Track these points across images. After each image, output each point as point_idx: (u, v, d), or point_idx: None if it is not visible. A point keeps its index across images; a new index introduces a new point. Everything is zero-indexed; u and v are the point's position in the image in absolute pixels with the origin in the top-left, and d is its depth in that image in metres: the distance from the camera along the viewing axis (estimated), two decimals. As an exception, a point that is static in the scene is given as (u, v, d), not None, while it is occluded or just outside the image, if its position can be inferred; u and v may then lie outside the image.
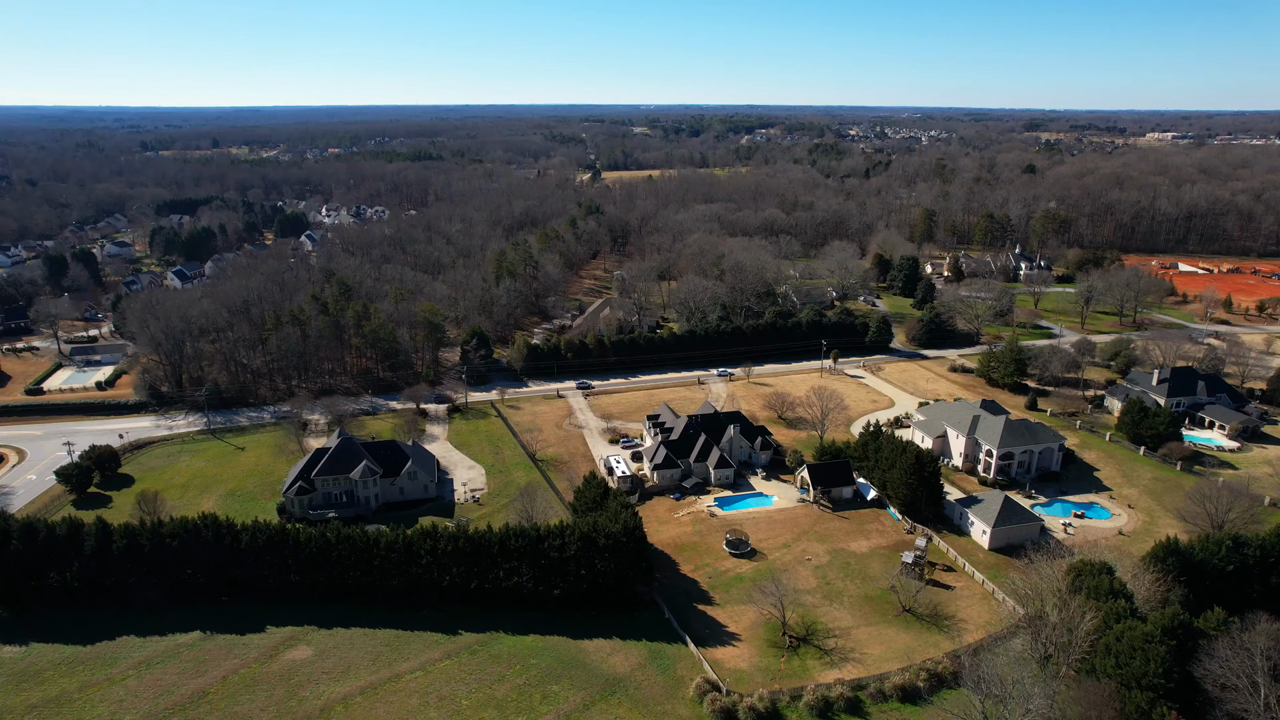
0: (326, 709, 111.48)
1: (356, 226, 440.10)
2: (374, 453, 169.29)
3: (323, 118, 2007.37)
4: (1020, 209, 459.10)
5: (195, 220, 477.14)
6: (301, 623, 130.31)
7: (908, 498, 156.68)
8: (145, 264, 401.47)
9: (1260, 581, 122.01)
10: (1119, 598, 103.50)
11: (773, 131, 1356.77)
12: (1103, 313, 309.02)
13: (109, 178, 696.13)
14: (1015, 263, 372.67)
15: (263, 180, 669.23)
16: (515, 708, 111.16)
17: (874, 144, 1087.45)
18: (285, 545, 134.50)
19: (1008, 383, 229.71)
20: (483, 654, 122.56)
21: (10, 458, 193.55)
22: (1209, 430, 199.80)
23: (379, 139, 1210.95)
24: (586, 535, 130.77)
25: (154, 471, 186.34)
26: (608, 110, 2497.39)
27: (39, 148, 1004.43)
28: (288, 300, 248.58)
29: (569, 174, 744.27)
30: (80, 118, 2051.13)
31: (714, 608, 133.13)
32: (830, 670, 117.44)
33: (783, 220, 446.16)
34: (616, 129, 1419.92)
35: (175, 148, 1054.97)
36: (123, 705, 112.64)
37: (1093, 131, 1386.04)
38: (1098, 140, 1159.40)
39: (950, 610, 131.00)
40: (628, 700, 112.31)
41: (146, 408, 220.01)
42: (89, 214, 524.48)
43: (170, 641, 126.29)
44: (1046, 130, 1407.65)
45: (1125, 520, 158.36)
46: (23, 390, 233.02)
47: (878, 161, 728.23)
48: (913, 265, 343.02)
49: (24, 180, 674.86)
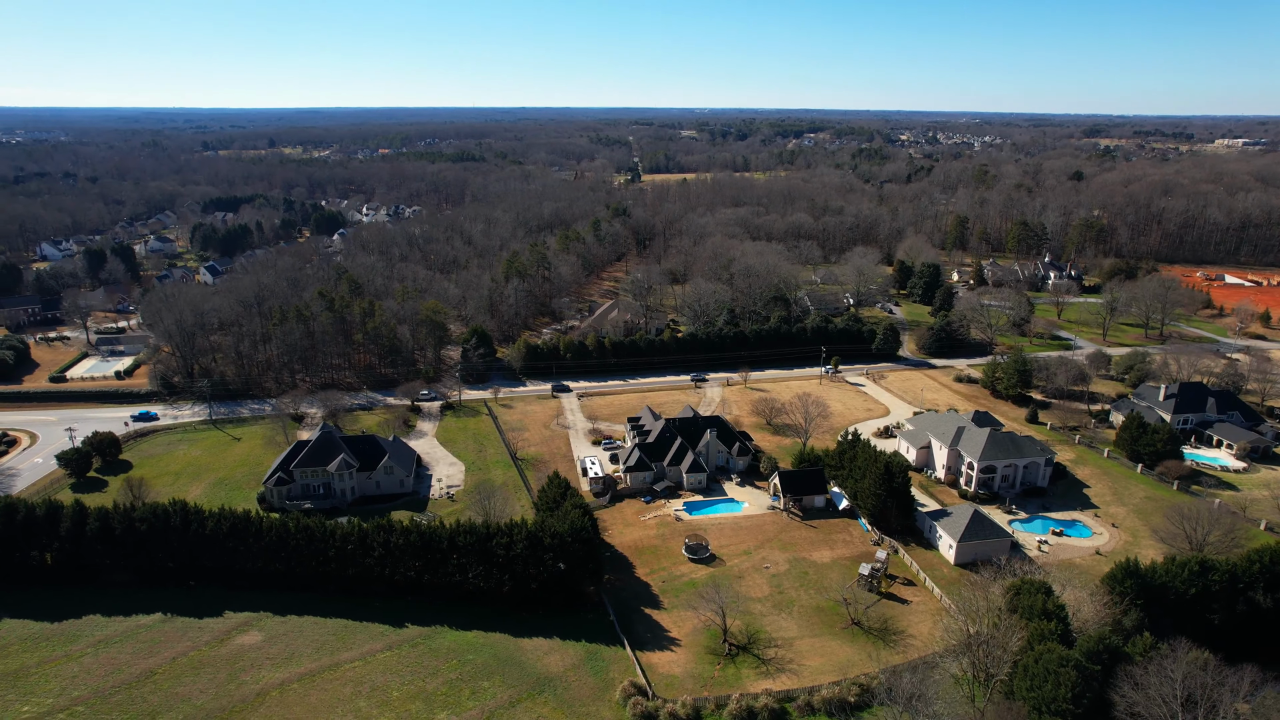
0: (263, 693, 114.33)
1: (388, 225, 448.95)
2: (352, 447, 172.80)
3: (379, 119, 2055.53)
4: (1058, 216, 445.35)
5: (236, 217, 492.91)
6: (258, 609, 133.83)
7: (876, 508, 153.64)
8: (185, 259, 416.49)
9: (1225, 608, 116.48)
10: (1051, 619, 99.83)
11: (822, 136, 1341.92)
12: (1128, 325, 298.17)
13: (166, 176, 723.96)
14: (1044, 271, 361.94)
15: (308, 179, 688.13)
16: (443, 701, 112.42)
17: (924, 149, 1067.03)
18: (248, 532, 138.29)
19: (1011, 394, 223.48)
20: (423, 647, 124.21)
21: (23, 441, 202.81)
22: (1216, 449, 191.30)
23: (429, 140, 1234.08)
24: (533, 535, 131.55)
25: (152, 458, 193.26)
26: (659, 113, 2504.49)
27: (109, 147, 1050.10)
28: (296, 296, 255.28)
29: (606, 176, 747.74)
30: (153, 119, 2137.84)
31: (660, 612, 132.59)
32: (764, 680, 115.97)
33: (810, 225, 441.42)
34: (663, 132, 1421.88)
35: (234, 147, 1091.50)
36: (74, 681, 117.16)
37: (1157, 137, 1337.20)
38: (1160, 146, 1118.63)
39: (901, 625, 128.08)
40: (554, 700, 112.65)
41: (158, 397, 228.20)
42: (141, 210, 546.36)
43: (132, 622, 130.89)
44: (1108, 136, 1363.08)
45: (1106, 540, 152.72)
46: (47, 378, 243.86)
47: (920, 167, 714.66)
48: (933, 272, 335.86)
49: (87, 178, 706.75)
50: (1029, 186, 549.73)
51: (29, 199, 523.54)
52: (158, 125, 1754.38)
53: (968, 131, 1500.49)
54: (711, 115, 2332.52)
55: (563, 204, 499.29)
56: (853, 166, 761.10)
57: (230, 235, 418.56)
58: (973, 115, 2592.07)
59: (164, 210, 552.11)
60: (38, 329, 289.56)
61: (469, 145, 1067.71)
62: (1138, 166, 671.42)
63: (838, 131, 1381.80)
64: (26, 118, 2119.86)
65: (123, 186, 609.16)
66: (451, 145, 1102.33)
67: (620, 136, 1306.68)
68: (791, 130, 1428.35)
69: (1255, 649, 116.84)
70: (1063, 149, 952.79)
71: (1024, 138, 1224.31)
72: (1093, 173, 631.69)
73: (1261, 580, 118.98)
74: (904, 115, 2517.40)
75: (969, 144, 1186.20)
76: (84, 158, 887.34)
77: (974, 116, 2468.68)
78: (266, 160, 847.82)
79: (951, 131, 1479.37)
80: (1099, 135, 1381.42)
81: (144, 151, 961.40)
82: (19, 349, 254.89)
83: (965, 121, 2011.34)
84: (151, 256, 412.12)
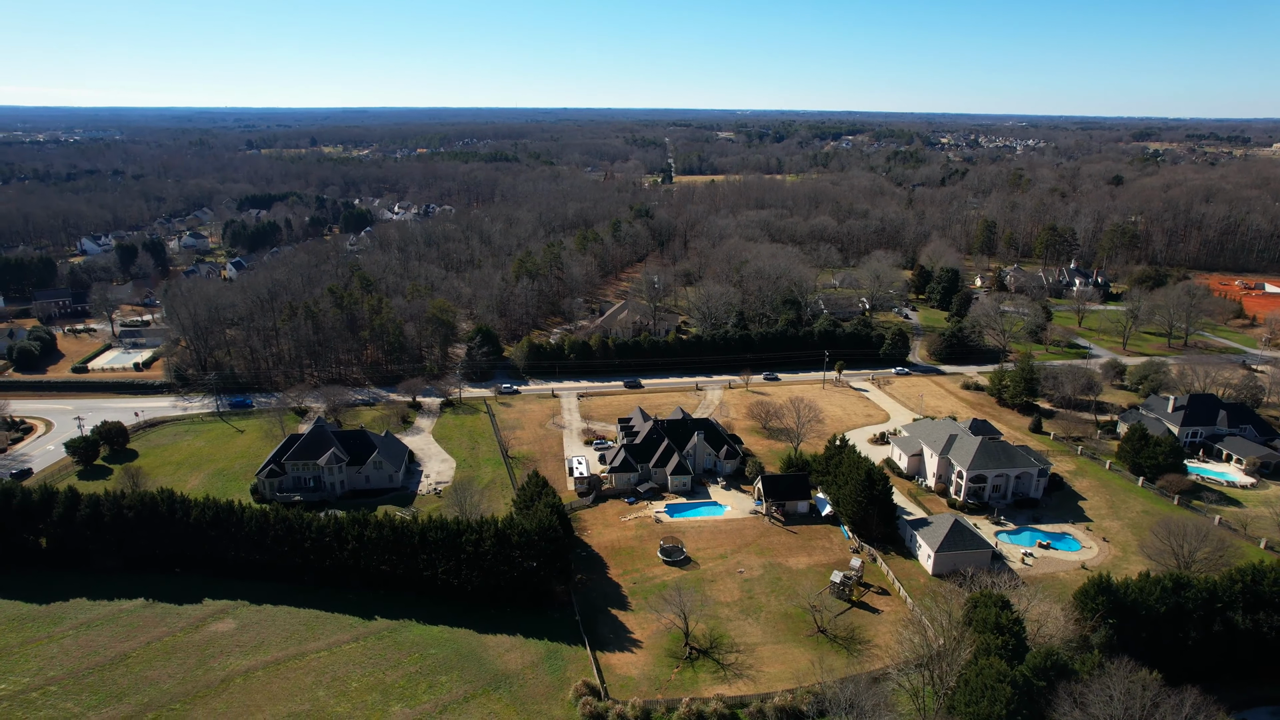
0: (227, 680, 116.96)
1: (408, 223, 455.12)
2: (343, 441, 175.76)
3: (420, 118, 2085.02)
4: (1090, 222, 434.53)
5: (269, 214, 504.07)
6: (236, 597, 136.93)
7: (857, 515, 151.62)
8: (215, 255, 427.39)
9: (1200, 627, 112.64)
10: (1003, 633, 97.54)
11: (861, 138, 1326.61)
12: (1151, 334, 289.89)
13: (209, 173, 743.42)
14: (1069, 278, 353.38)
15: (343, 178, 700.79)
16: (399, 694, 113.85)
17: (963, 152, 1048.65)
18: (229, 522, 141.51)
19: (1017, 403, 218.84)
20: (389, 640, 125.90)
21: (39, 428, 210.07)
22: (1225, 464, 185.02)
23: (467, 140, 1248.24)
24: (501, 532, 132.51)
25: (158, 448, 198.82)
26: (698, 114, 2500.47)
27: (158, 145, 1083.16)
28: (308, 292, 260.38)
29: (637, 177, 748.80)
30: (205, 118, 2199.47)
31: (627, 613, 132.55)
32: (720, 685, 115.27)
33: (833, 228, 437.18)
34: (700, 133, 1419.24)
35: (276, 146, 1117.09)
36: (52, 661, 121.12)
37: (1211, 141, 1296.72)
38: (1213, 150, 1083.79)
39: (868, 635, 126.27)
40: (508, 697, 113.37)
41: (171, 389, 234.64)
42: (180, 207, 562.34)
43: (115, 606, 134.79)
44: (1159, 140, 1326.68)
45: (1094, 554, 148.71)
46: (70, 368, 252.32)
47: (954, 170, 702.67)
48: (952, 277, 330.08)
49: (133, 175, 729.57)
50: (1063, 191, 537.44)
51: (75, 195, 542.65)
52: (209, 124, 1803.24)
53: (1011, 135, 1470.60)
54: (752, 117, 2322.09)
55: (587, 204, 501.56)
56: (886, 170, 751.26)
57: (258, 232, 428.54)
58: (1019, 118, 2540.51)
59: (202, 207, 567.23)
60: (67, 321, 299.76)
61: (505, 145, 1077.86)
62: (1179, 171, 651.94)
63: (877, 134, 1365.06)
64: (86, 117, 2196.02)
65: (164, 184, 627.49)
66: (488, 145, 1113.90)
67: (656, 138, 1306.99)
68: (830, 132, 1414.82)
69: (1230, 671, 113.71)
70: (1106, 153, 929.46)
71: (1068, 141, 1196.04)
72: (1133, 177, 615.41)
73: (1242, 600, 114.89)
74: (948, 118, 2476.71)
75: (1011, 147, 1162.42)
76: (134, 156, 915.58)
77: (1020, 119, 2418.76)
78: (305, 159, 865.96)
79: (994, 135, 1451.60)
80: (1149, 139, 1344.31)
81: (190, 150, 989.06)
82: (45, 340, 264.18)
83: (1011, 124, 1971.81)
84: (184, 252, 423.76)
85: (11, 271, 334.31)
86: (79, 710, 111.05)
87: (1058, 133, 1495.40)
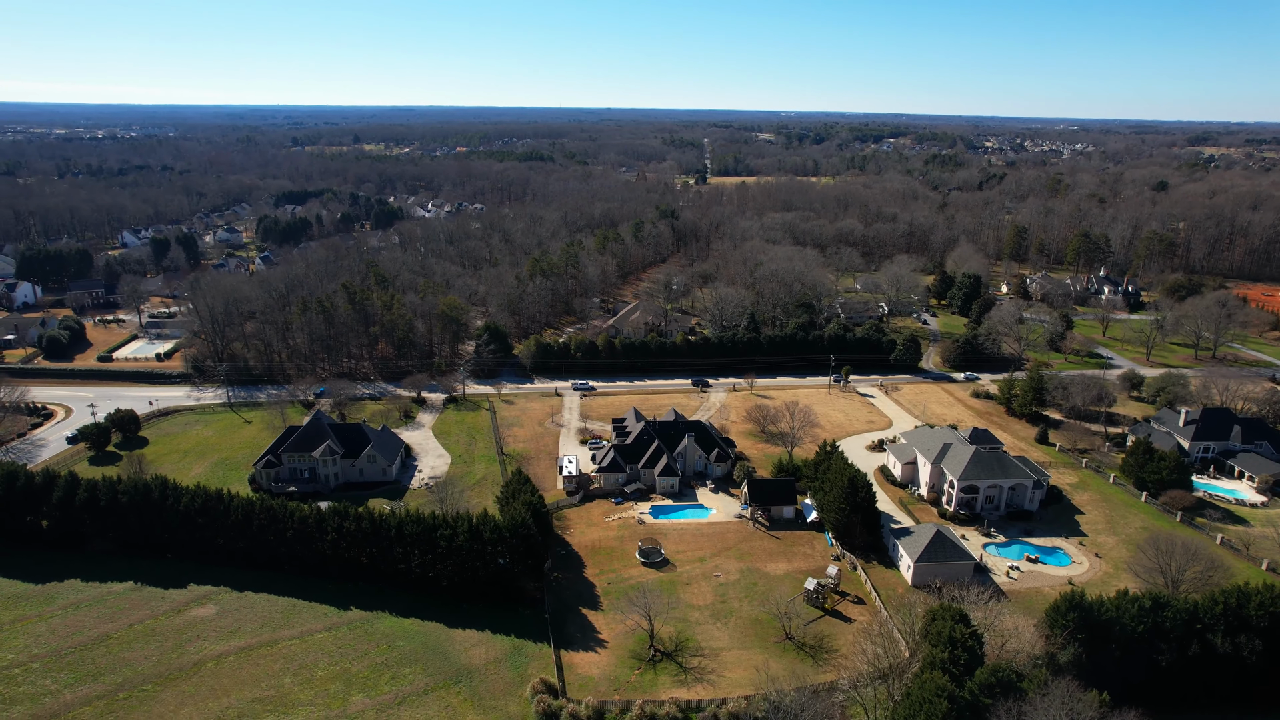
0: (199, 663, 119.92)
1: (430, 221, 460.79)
2: (339, 434, 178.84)
3: (464, 117, 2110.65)
4: (1126, 229, 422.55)
5: (304, 210, 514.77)
6: (220, 583, 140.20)
7: (840, 522, 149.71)
8: (248, 250, 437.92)
9: (1176, 649, 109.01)
10: (956, 647, 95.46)
11: (903, 141, 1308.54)
12: (1179, 344, 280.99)
13: (253, 169, 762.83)
14: (1098, 286, 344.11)
15: (379, 175, 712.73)
16: (362, 684, 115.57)
17: (1006, 156, 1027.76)
18: (217, 510, 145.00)
19: (1026, 412, 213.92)
20: (360, 631, 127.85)
21: (59, 414, 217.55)
22: (1236, 480, 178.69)
23: (506, 139, 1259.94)
24: (475, 528, 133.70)
25: (168, 436, 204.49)
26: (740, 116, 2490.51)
27: (207, 142, 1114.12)
28: (323, 287, 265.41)
29: (670, 178, 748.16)
30: (256, 115, 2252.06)
31: (597, 613, 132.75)
32: (679, 688, 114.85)
33: (859, 231, 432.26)
34: (739, 134, 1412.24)
35: (320, 143, 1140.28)
36: (39, 639, 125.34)
37: (1272, 146, 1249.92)
38: (1273, 156, 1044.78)
39: (836, 644, 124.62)
40: (467, 691, 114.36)
41: (187, 379, 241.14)
42: (219, 202, 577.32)
43: (105, 588, 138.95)
44: (1216, 145, 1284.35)
45: (1084, 570, 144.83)
46: (95, 357, 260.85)
47: (992, 174, 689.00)
48: (974, 283, 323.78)
49: (180, 171, 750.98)
50: (1101, 197, 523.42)
51: (121, 190, 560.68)
52: (259, 121, 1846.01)
53: (1059, 139, 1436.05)
54: (794, 118, 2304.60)
55: (614, 205, 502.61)
56: (923, 173, 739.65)
57: (289, 227, 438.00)
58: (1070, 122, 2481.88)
59: (240, 202, 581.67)
60: (99, 311, 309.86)
61: (543, 145, 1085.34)
62: (1229, 177, 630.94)
63: (919, 137, 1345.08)
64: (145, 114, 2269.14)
65: (206, 179, 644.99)
66: (526, 144, 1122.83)
67: (695, 139, 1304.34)
68: (871, 135, 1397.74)
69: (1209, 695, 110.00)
70: (1156, 158, 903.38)
71: (1118, 146, 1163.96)
72: (1179, 183, 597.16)
73: (1223, 622, 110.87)
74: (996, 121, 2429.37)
75: (1057, 152, 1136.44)
76: (184, 152, 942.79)
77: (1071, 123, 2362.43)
78: (344, 156, 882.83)
79: (1041, 139, 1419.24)
80: (1205, 143, 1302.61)
81: (236, 147, 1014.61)
82: (74, 329, 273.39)
83: (1061, 128, 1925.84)
84: (219, 246, 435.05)
85: (51, 262, 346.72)
86: (56, 688, 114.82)
87: (1109, 137, 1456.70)
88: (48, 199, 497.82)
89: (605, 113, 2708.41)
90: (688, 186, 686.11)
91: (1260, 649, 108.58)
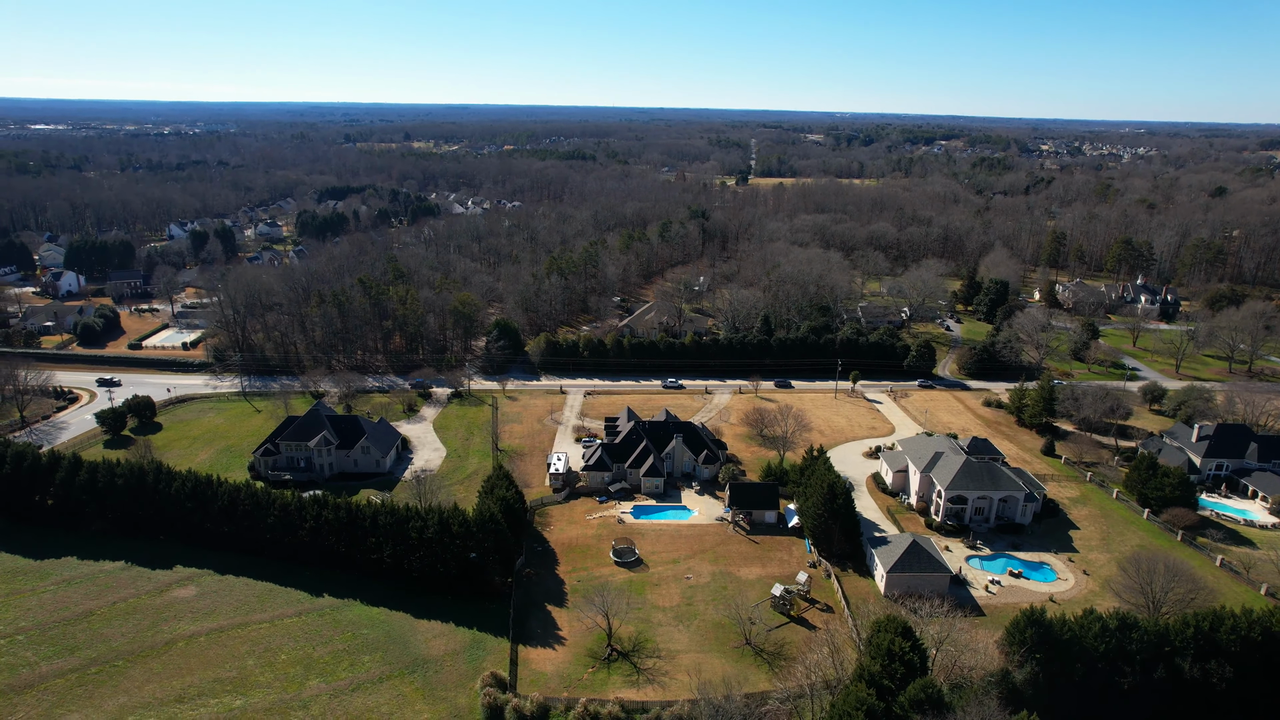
0: (171, 643, 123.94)
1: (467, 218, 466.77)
2: (336, 425, 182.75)
3: (518, 116, 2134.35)
4: (1174, 235, 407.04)
5: (345, 205, 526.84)
6: (205, 566, 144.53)
7: (818, 529, 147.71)
8: (286, 244, 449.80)
9: (1141, 672, 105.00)
10: (894, 660, 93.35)
11: (955, 143, 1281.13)
12: (1213, 357, 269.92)
13: (303, 164, 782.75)
14: (1134, 294, 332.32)
15: (423, 172, 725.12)
16: (321, 669, 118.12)
17: (1061, 160, 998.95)
18: (205, 495, 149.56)
19: (1036, 423, 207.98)
20: (329, 617, 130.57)
21: (83, 398, 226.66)
22: (1249, 500, 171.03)
23: (553, 138, 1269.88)
24: (444, 521, 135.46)
25: (181, 422, 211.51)
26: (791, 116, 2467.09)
27: (264, 138, 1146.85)
28: (340, 281, 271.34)
29: (709, 178, 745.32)
30: (315, 112, 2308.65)
31: (561, 610, 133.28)
32: (629, 689, 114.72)
33: (892, 235, 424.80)
34: (788, 135, 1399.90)
35: (372, 140, 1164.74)
36: (27, 613, 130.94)
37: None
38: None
39: (795, 652, 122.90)
40: (420, 681, 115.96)
41: (207, 367, 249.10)
42: (265, 196, 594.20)
43: (97, 566, 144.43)
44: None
45: (1069, 587, 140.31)
46: (127, 344, 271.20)
47: (1039, 178, 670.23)
48: (1001, 289, 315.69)
49: (235, 166, 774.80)
50: (1151, 202, 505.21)
51: (174, 184, 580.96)
52: (317, 118, 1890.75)
53: (1123, 142, 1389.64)
54: (847, 120, 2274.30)
55: (647, 204, 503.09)
56: (969, 177, 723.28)
57: (326, 222, 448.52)
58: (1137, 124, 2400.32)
59: (286, 197, 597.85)
60: (135, 301, 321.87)
61: (588, 144, 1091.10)
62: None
63: (972, 139, 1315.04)
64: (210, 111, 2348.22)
65: (254, 174, 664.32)
66: (572, 143, 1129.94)
67: (742, 139, 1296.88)
68: (923, 137, 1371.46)
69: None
70: (1220, 162, 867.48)
71: (1183, 149, 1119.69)
72: (1239, 189, 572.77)
73: (1193, 647, 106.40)
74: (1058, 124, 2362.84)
75: (1117, 155, 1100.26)
76: (240, 147, 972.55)
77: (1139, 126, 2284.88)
78: (392, 153, 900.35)
79: (1102, 142, 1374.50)
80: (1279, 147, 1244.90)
81: (290, 143, 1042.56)
82: (109, 317, 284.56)
83: (1127, 131, 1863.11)
84: (258, 239, 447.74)
85: (96, 253, 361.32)
86: (35, 660, 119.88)
87: (1175, 140, 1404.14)
88: (104, 192, 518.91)
89: (656, 112, 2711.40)
90: (725, 187, 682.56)
91: (1231, 676, 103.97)
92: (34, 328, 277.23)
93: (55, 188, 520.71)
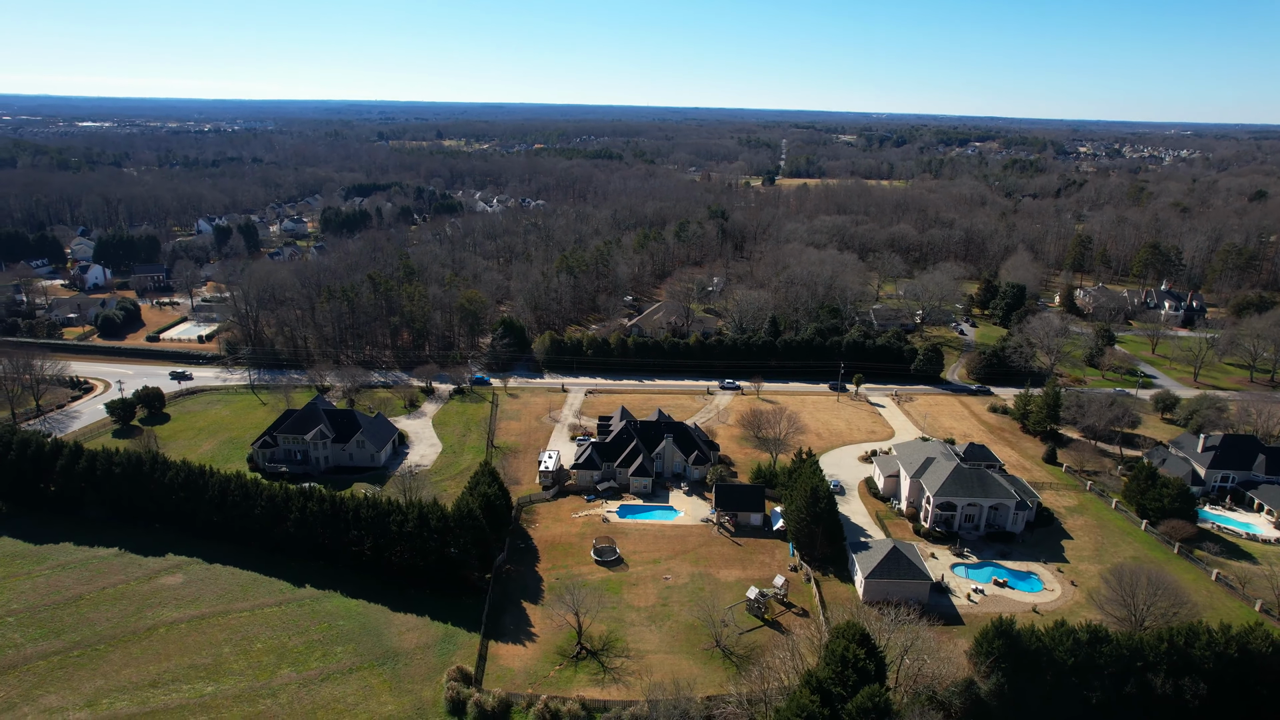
0: (153, 628, 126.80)
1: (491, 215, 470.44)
2: (332, 419, 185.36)
3: (550, 114, 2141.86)
4: (1205, 240, 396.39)
5: (370, 202, 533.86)
6: (194, 554, 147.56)
7: (801, 532, 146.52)
8: (309, 240, 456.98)
9: (1111, 687, 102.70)
10: (847, 667, 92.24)
11: (990, 145, 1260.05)
12: (1234, 365, 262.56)
13: (334, 161, 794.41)
14: (1157, 300, 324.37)
15: (450, 170, 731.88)
16: (294, 658, 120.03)
17: (1099, 162, 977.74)
18: (198, 484, 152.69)
19: (1040, 430, 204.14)
20: (309, 608, 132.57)
21: (98, 388, 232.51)
22: (1255, 513, 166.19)
23: (584, 137, 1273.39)
24: (422, 515, 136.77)
25: (189, 414, 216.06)
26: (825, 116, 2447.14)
27: (299, 135, 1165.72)
28: (351, 277, 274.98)
29: (735, 178, 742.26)
30: (351, 110, 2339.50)
31: (536, 607, 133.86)
32: (594, 687, 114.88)
33: (913, 237, 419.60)
34: (819, 136, 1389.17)
35: (404, 138, 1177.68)
36: (20, 596, 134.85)
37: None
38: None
39: (765, 656, 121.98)
40: (388, 673, 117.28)
41: (219, 360, 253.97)
42: (294, 193, 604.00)
43: (92, 552, 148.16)
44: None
45: (1054, 597, 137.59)
46: (145, 337, 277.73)
47: (1071, 181, 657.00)
48: (1018, 293, 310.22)
49: (269, 163, 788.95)
50: (1185, 206, 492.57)
51: (206, 180, 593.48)
52: (353, 116, 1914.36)
53: (1165, 144, 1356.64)
54: (883, 120, 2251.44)
55: (668, 204, 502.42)
56: (999, 179, 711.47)
57: (348, 219, 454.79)
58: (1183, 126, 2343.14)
59: (314, 194, 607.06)
60: (157, 294, 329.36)
61: (616, 143, 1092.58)
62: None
63: (1007, 141, 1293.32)
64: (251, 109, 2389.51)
65: (284, 171, 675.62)
66: (601, 142, 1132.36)
67: (773, 139, 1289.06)
68: (957, 138, 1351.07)
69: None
70: (1266, 164, 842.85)
71: (1228, 152, 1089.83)
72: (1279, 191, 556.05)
73: (1166, 662, 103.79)
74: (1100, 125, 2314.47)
75: (1158, 158, 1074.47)
76: (275, 145, 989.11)
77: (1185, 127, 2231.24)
78: (421, 151, 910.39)
79: (1144, 144, 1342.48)
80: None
81: (323, 140, 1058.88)
82: (130, 310, 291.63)
83: (1172, 133, 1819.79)
84: (283, 235, 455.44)
85: (123, 247, 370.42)
86: (21, 641, 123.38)
87: (1220, 142, 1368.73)
88: (138, 187, 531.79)
89: (690, 111, 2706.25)
90: (749, 187, 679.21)
91: (1204, 693, 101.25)
92: (58, 319, 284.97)
93: (92, 183, 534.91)
